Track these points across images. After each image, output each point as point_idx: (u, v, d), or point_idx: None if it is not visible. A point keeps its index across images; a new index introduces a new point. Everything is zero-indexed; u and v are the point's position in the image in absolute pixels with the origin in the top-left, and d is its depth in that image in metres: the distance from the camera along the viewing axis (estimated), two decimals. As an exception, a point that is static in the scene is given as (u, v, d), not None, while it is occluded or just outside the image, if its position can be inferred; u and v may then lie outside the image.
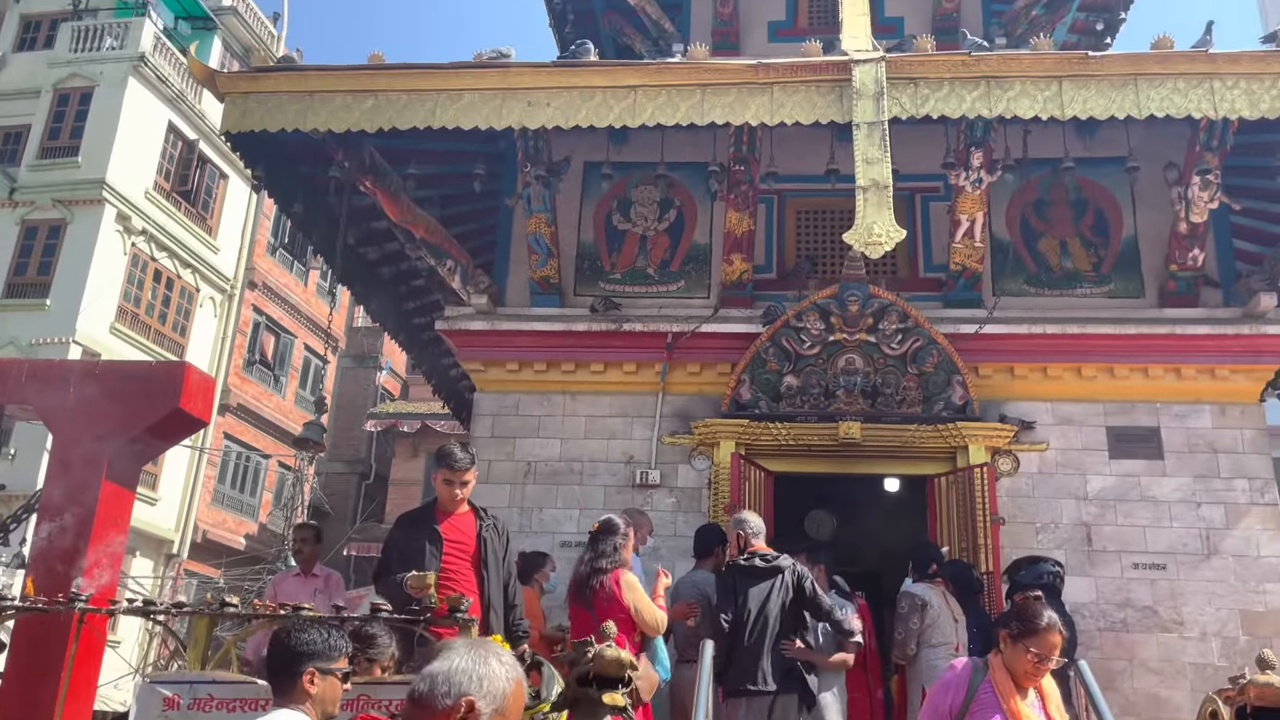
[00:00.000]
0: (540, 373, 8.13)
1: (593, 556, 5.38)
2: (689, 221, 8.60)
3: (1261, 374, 7.57)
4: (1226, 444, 7.40)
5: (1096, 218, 8.27)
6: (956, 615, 6.18)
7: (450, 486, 4.95)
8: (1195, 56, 6.43)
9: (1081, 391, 7.66)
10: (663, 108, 6.75)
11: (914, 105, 6.58)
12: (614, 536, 5.38)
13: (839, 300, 7.64)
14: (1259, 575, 7.02)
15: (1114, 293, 8.01)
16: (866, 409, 7.61)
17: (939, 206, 8.38)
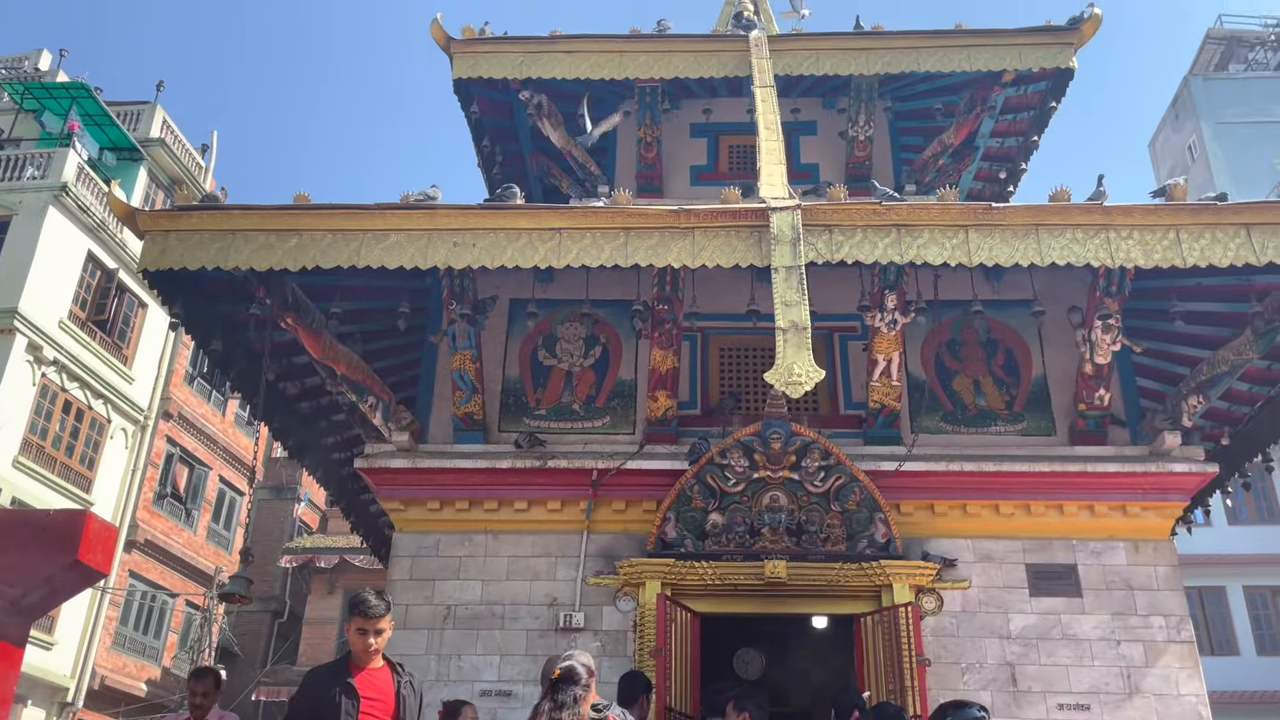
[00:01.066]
0: (462, 511, 7.98)
1: (552, 708, 5.14)
2: (614, 358, 8.68)
3: (1170, 510, 7.77)
4: (1142, 581, 7.53)
5: (1007, 358, 8.56)
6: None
7: (364, 636, 4.74)
8: (1091, 209, 6.81)
9: (1001, 528, 7.76)
10: (588, 249, 6.88)
11: (829, 251, 6.81)
12: (575, 686, 5.14)
13: (762, 438, 7.70)
14: (1179, 713, 7.04)
15: (1027, 430, 8.23)
16: (791, 547, 7.59)
17: (857, 345, 8.60)
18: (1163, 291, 7.75)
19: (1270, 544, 25.25)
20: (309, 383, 9.10)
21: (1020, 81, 10.00)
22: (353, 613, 4.78)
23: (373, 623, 4.72)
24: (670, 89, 10.40)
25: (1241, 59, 35.92)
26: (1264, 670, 24.16)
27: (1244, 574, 24.86)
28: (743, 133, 10.64)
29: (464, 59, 9.83)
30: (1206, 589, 24.88)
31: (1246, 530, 25.31)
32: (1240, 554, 24.79)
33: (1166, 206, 6.79)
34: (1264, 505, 25.68)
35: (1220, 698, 22.55)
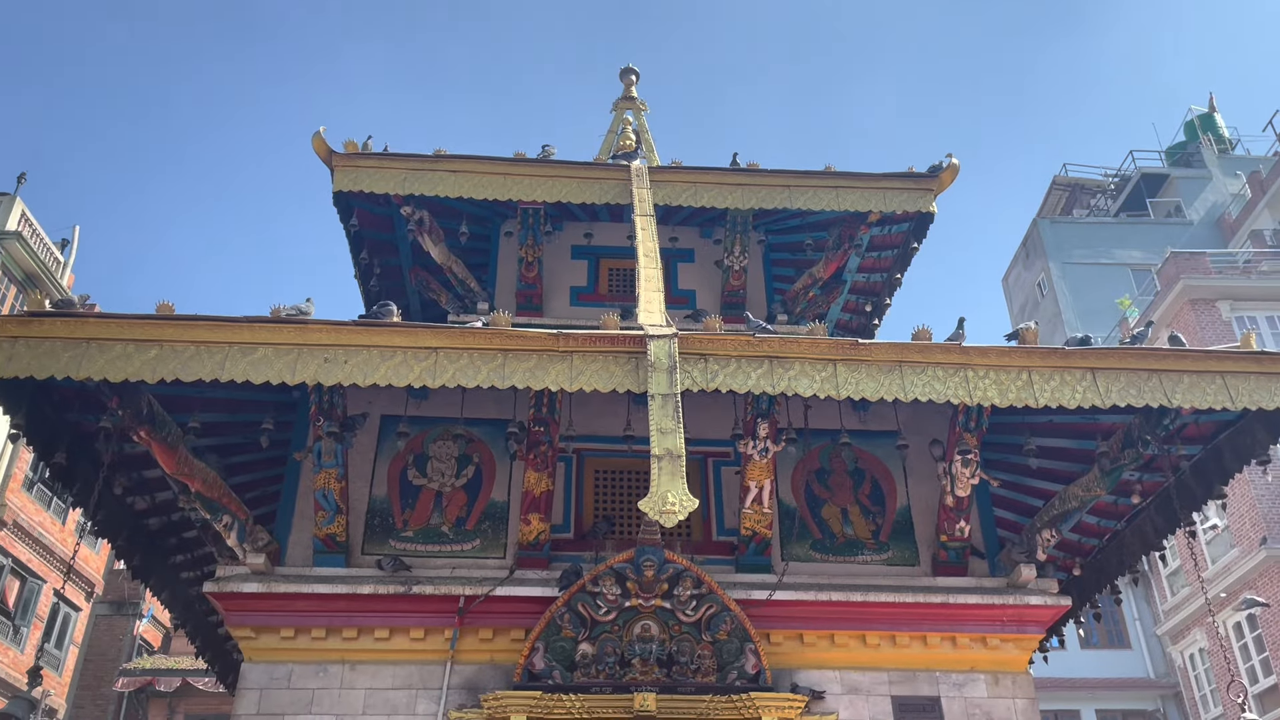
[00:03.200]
0: (318, 640, 7.57)
1: None
2: (487, 479, 8.52)
3: (1028, 643, 7.97)
4: (1002, 714, 7.65)
5: (874, 487, 8.77)
6: None
7: None
8: (951, 348, 7.12)
9: (867, 659, 7.81)
10: (464, 369, 6.80)
11: (704, 379, 6.91)
12: None
13: (635, 565, 7.62)
14: None
15: (892, 560, 8.39)
16: (662, 678, 7.45)
17: (730, 471, 8.69)
18: (1018, 427, 8.11)
19: (1120, 668, 26.17)
20: (160, 497, 8.60)
21: (885, 222, 10.55)
22: None
23: None
24: (553, 211, 10.57)
25: (1084, 204, 38.95)
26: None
27: (1096, 698, 25.60)
28: (623, 256, 10.87)
29: (346, 172, 9.79)
30: (1061, 712, 25.49)
31: (1098, 654, 26.20)
32: (1092, 678, 25.58)
33: (1020, 349, 7.16)
34: (1113, 630, 26.71)
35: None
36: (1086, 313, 30.74)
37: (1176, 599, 23.49)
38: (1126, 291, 29.96)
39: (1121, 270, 32.73)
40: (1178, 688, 24.42)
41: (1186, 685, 23.56)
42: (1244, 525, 20.76)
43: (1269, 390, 7.00)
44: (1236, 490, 20.53)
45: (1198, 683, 22.85)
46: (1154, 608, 25.49)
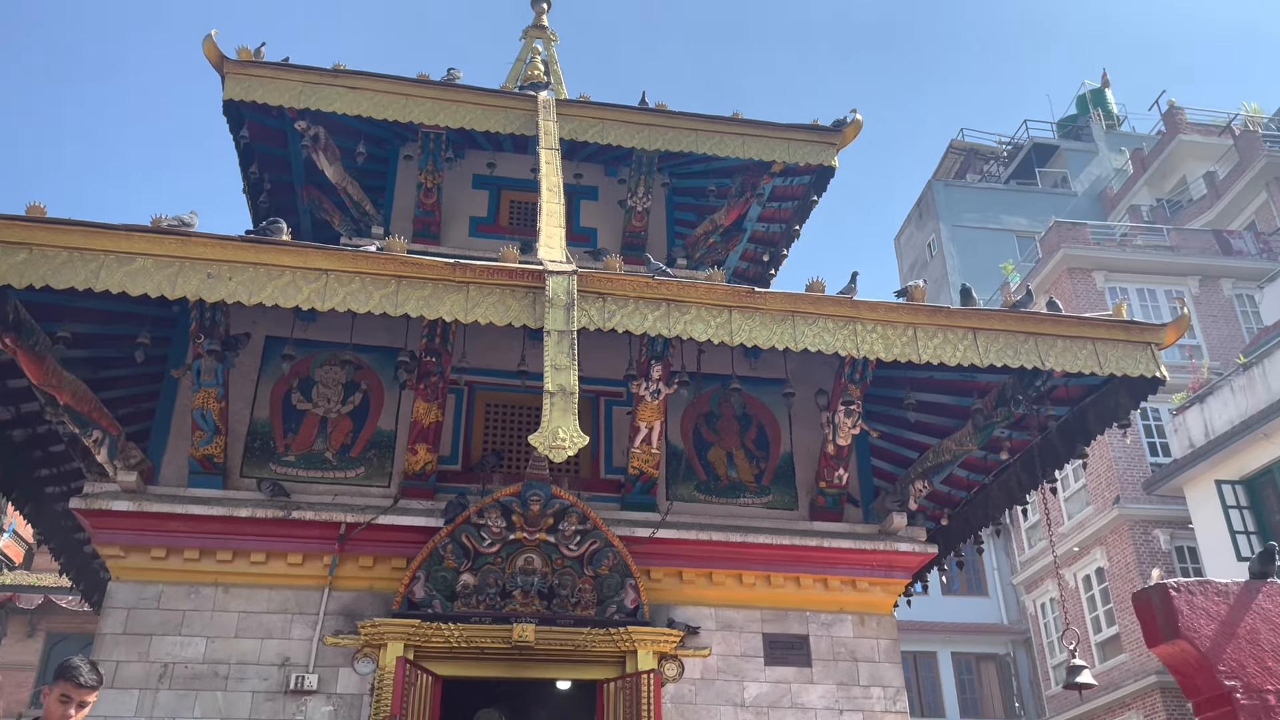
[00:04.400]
0: (191, 561, 7.40)
1: None
2: (374, 407, 8.39)
3: (894, 587, 8.34)
4: (865, 653, 8.01)
5: (759, 433, 8.97)
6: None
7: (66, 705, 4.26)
8: (842, 302, 7.28)
9: (742, 598, 8.06)
10: (355, 294, 6.63)
11: (602, 318, 6.91)
12: None
13: (522, 499, 7.65)
14: (892, 781, 7.52)
15: (772, 504, 8.63)
16: (542, 611, 7.54)
17: (621, 411, 8.76)
18: (899, 381, 8.38)
19: (977, 614, 27.65)
20: (25, 409, 8.20)
21: (787, 173, 10.64)
22: (60, 677, 4.31)
23: (82, 693, 4.28)
24: (455, 138, 10.32)
25: (978, 170, 40.03)
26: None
27: (953, 641, 27.04)
28: (525, 189, 10.71)
29: (237, 80, 9.34)
30: (920, 654, 26.86)
31: (958, 601, 27.62)
32: (951, 622, 26.98)
33: (907, 306, 7.36)
34: (973, 578, 28.14)
35: (928, 756, 24.32)
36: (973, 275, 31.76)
37: (1033, 551, 24.84)
38: (1011, 257, 31.03)
39: (1008, 236, 33.86)
40: (1028, 634, 25.94)
41: (1036, 632, 25.05)
42: (1100, 485, 22.02)
43: (1134, 358, 7.39)
44: (1096, 452, 21.71)
45: (1046, 630, 24.31)
46: (1012, 559, 26.92)
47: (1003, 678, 27.19)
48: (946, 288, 31.54)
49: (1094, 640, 21.76)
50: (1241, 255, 24.46)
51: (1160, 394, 21.18)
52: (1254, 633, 5.78)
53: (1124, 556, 21.01)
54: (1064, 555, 22.66)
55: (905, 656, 26.56)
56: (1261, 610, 5.87)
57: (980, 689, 27.19)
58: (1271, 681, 5.68)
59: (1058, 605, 22.40)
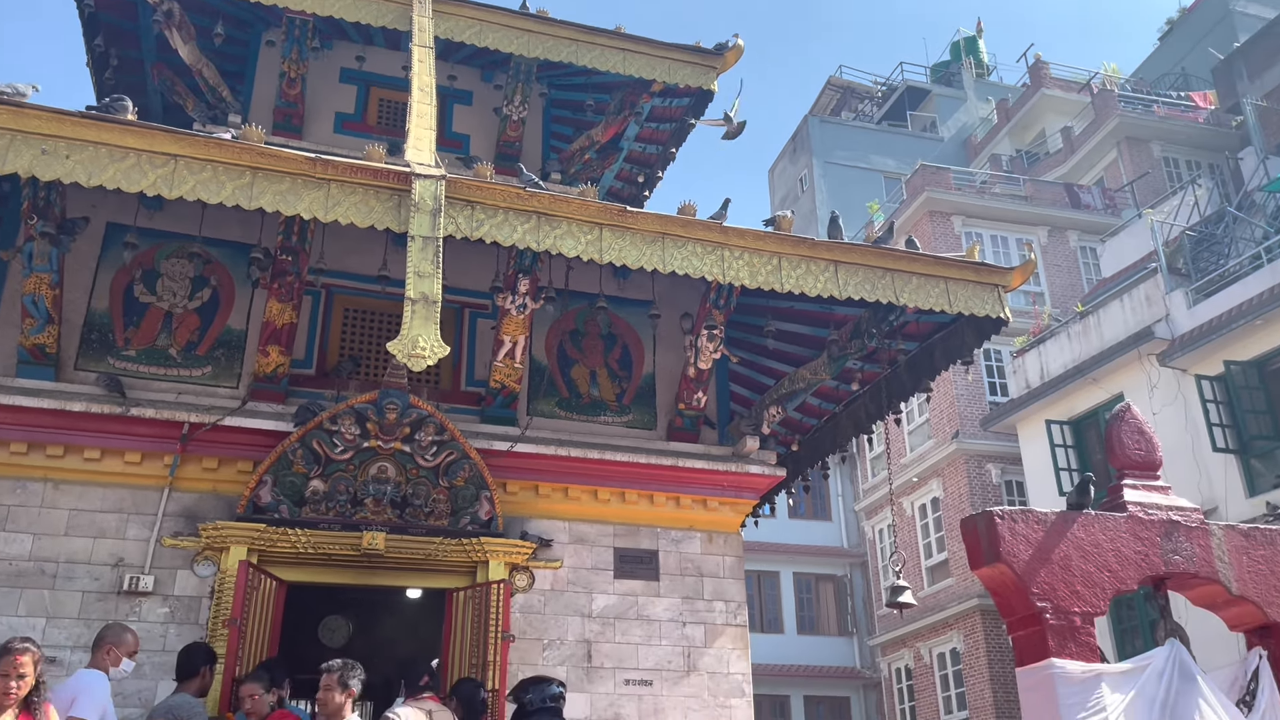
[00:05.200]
0: (18, 455, 6.99)
1: None
2: (224, 304, 8.03)
3: (743, 507, 8.62)
4: (711, 569, 8.29)
5: (624, 353, 9.02)
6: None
7: None
8: (711, 227, 7.33)
9: (596, 513, 8.18)
10: (206, 183, 6.28)
11: (469, 227, 6.76)
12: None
13: (378, 407, 7.50)
14: (727, 691, 7.86)
15: (632, 423, 8.74)
16: (394, 519, 7.48)
17: (486, 323, 8.65)
18: (762, 309, 8.54)
19: (819, 537, 28.96)
20: None
21: (667, 94, 10.55)
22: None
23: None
24: (323, 26, 9.80)
25: (853, 108, 40.70)
26: (803, 646, 27.69)
27: (795, 562, 28.29)
28: (396, 88, 10.28)
29: (83, -60, 8.58)
30: (764, 572, 28.02)
31: (803, 524, 28.83)
32: (795, 544, 28.19)
33: (774, 235, 7.47)
34: (819, 504, 29.39)
35: (767, 670, 25.57)
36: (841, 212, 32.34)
37: (876, 480, 26.07)
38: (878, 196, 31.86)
39: (876, 176, 34.70)
40: (865, 558, 27.37)
41: (872, 556, 26.45)
42: (942, 420, 23.18)
43: (982, 299, 7.73)
44: (940, 389, 22.81)
45: (882, 554, 25.69)
46: (856, 486, 28.20)
47: (839, 597, 28.69)
48: (815, 223, 32.19)
49: (925, 565, 23.13)
50: (1089, 209, 25.77)
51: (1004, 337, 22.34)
52: (1066, 559, 6.23)
53: (958, 488, 22.28)
54: (903, 485, 23.88)
55: (750, 575, 27.66)
56: (1075, 539, 6.33)
57: (818, 607, 28.63)
58: (1078, 604, 6.16)
59: (894, 531, 23.66)
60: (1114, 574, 6.35)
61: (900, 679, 24.43)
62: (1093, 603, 6.20)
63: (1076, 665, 5.88)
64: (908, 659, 23.91)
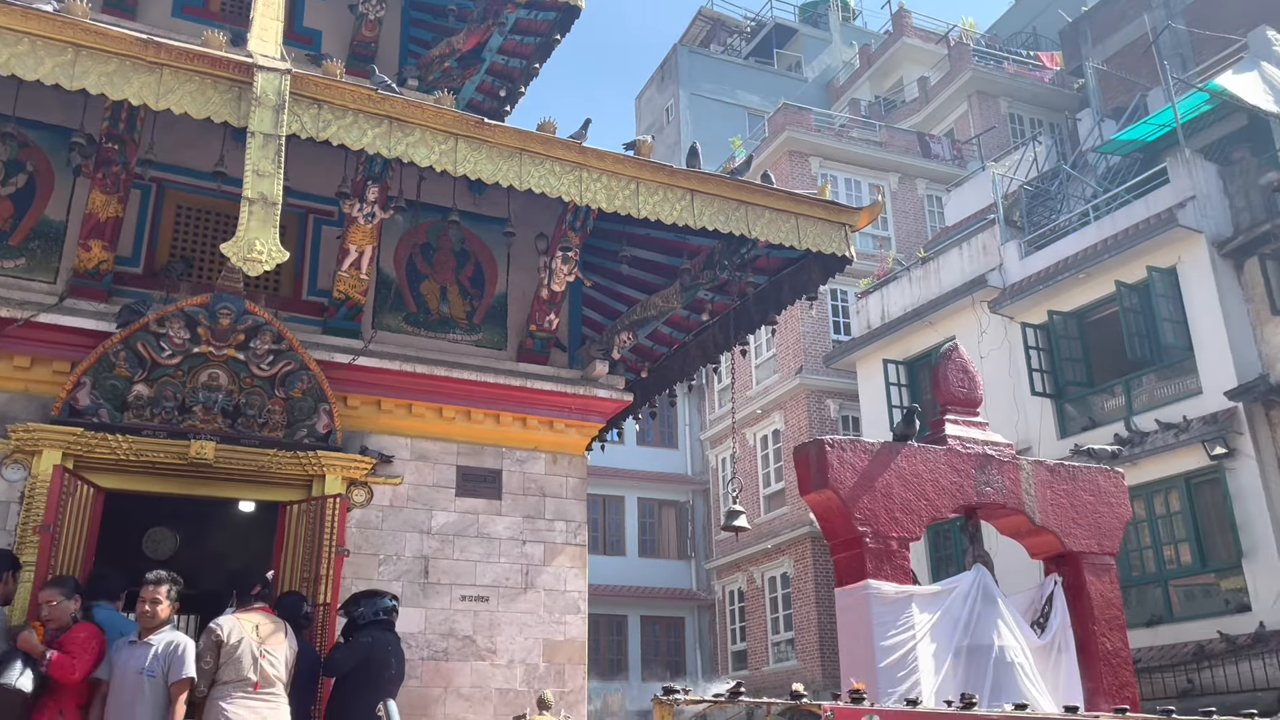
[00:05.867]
0: None
1: None
2: (42, 191, 7.44)
3: (590, 430, 8.69)
4: (554, 489, 8.35)
5: (476, 270, 8.86)
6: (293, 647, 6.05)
7: None
8: (571, 146, 7.22)
9: (440, 431, 8.09)
10: (24, 59, 5.75)
11: (315, 127, 6.45)
12: None
13: (210, 311, 7.15)
14: (563, 608, 8.00)
15: (482, 342, 8.63)
16: (225, 429, 7.20)
17: (331, 231, 8.32)
18: (617, 234, 8.52)
19: (665, 464, 29.61)
20: None
21: (532, 5, 10.25)
22: None
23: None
24: (163, -102, 9.04)
25: (722, 42, 40.69)
26: (643, 569, 28.44)
27: (640, 488, 28.89)
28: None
29: None
30: (609, 497, 28.51)
31: (650, 451, 29.39)
32: (641, 470, 28.75)
33: (633, 160, 7.43)
34: (666, 432, 29.99)
35: (607, 590, 26.17)
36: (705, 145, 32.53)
37: (722, 411, 26.76)
38: (742, 132, 32.13)
39: (741, 111, 34.94)
40: (708, 485, 28.19)
41: (715, 484, 27.27)
42: (788, 356, 23.91)
43: (830, 237, 7.93)
44: (788, 326, 23.48)
45: (723, 482, 26.52)
46: (703, 416, 28.90)
47: (680, 523, 29.51)
48: (679, 153, 32.25)
49: (763, 493, 24.01)
50: (938, 159, 26.72)
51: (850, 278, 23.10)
52: (889, 487, 6.59)
53: (799, 421, 23.12)
54: (747, 416, 24.61)
55: (595, 499, 28.09)
56: (898, 468, 6.69)
57: (659, 531, 29.39)
58: (896, 530, 6.54)
59: (736, 460, 24.42)
60: (931, 502, 6.76)
61: (733, 600, 25.47)
62: (910, 529, 6.60)
63: (891, 586, 6.27)
64: (741, 582, 24.92)
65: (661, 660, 27.23)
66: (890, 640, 6.17)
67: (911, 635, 6.24)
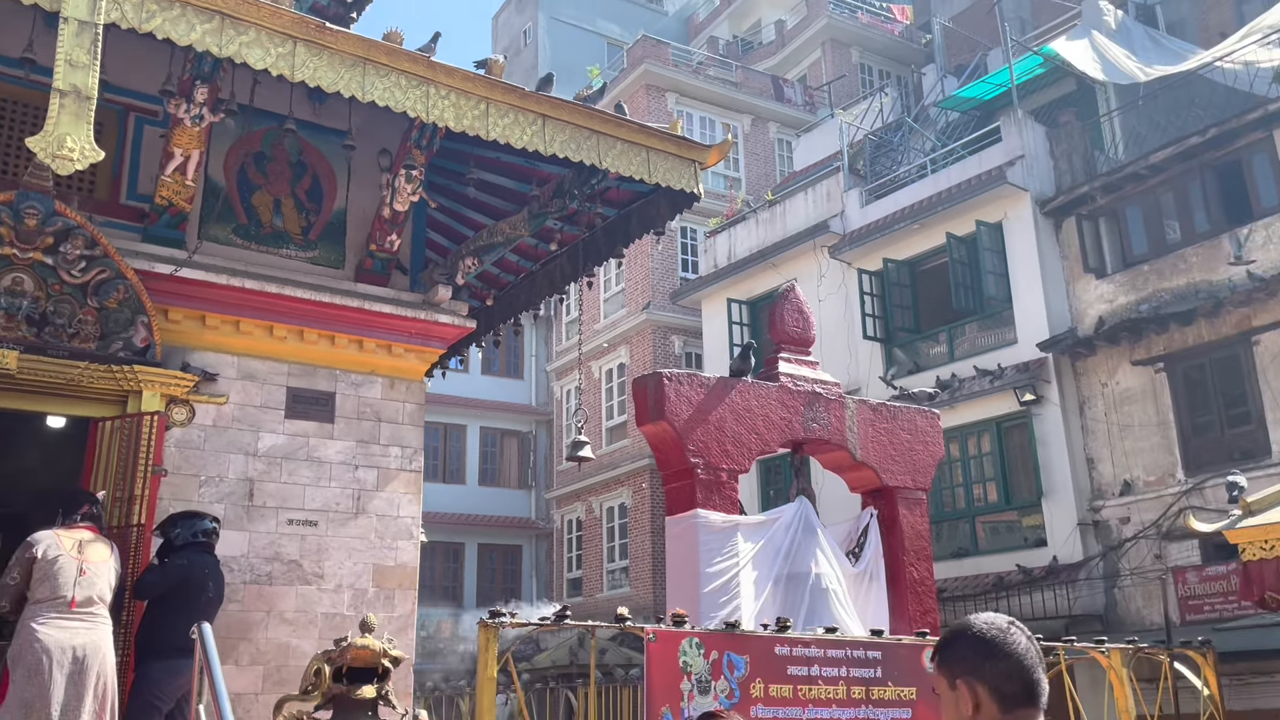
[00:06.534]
0: None
1: None
2: None
3: (429, 355, 8.53)
4: (390, 414, 8.19)
5: (314, 184, 8.49)
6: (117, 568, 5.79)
7: None
8: (418, 59, 6.95)
9: (270, 350, 7.78)
10: None
11: (138, 18, 5.97)
12: None
13: (14, 210, 6.60)
14: (394, 533, 7.91)
15: (318, 260, 8.31)
16: (30, 338, 6.70)
17: (154, 132, 7.78)
18: (465, 156, 8.32)
19: (510, 394, 29.53)
20: None
21: (385, -91, 9.76)
22: None
23: None
24: None
25: (584, -33, 39.84)
26: (483, 497, 28.44)
27: (484, 417, 28.75)
28: None
29: None
30: (451, 426, 28.27)
31: (495, 380, 29.24)
32: (485, 399, 28.58)
33: (484, 79, 7.22)
34: (512, 362, 29.87)
35: (446, 518, 26.07)
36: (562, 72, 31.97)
37: (569, 343, 26.81)
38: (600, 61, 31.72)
39: (600, 41, 34.48)
40: (551, 417, 28.29)
41: (558, 415, 27.39)
42: (636, 291, 24.09)
43: (679, 172, 7.97)
44: (637, 262, 23.62)
45: (567, 414, 26.67)
46: (550, 348, 28.87)
47: (522, 453, 29.59)
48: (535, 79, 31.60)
49: (605, 426, 24.30)
50: (790, 104, 27.16)
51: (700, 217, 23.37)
52: (722, 421, 6.77)
53: (643, 356, 23.41)
54: (594, 350, 24.74)
55: (436, 427, 27.80)
56: (731, 403, 6.88)
57: (501, 461, 29.40)
58: (727, 462, 6.74)
59: (581, 392, 24.57)
60: (761, 437, 7.00)
61: (571, 530, 25.83)
62: (739, 461, 6.82)
63: (718, 516, 6.49)
64: (580, 512, 25.27)
65: (498, 588, 27.45)
66: (715, 567, 6.40)
67: (735, 563, 6.48)
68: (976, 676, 1.95)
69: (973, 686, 1.95)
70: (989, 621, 2.01)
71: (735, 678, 5.05)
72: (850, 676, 5.52)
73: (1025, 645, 1.98)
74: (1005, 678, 1.94)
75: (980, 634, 1.99)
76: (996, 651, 1.96)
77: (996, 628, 2.00)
